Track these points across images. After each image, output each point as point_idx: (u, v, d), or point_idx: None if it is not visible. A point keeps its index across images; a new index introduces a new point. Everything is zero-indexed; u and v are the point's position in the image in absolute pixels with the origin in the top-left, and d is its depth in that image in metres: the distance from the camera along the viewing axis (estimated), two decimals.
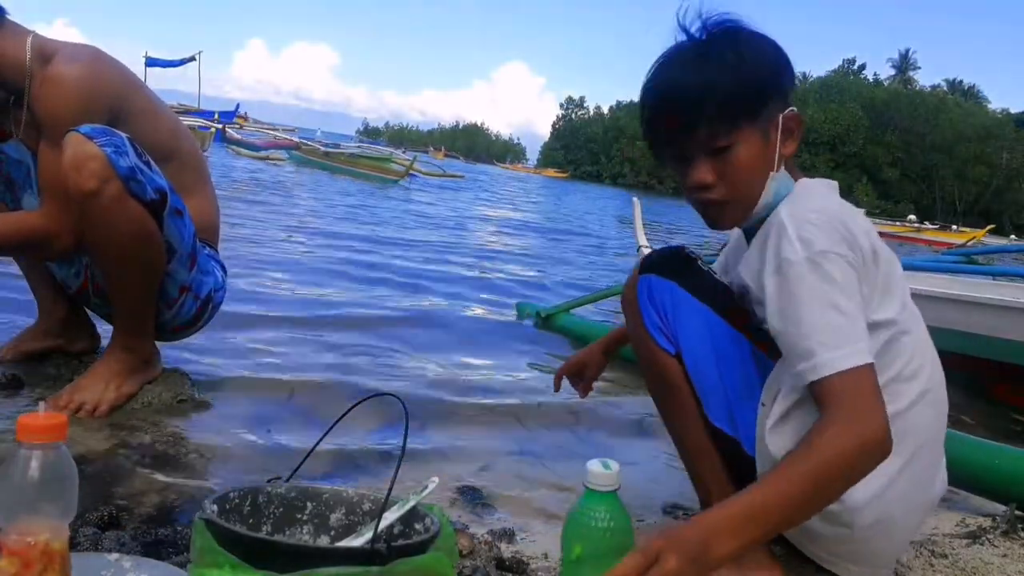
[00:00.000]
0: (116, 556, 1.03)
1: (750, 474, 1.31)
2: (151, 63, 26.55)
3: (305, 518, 1.11)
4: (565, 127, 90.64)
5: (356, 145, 29.81)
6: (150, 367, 2.01)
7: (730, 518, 0.98)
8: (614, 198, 34.91)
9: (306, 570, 0.84)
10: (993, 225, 35.15)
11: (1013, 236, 37.39)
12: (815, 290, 1.13)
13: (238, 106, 29.63)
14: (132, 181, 1.72)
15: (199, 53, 26.72)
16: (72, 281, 2.11)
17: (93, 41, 1.96)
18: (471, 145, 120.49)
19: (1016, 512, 1.76)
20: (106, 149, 1.67)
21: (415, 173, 22.87)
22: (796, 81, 1.34)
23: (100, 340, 2.29)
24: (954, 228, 29.06)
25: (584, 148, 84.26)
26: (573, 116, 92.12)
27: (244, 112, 34.39)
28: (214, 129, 20.19)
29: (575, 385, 1.75)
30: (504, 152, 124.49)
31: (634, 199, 8.07)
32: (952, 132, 63.75)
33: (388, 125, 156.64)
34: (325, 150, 22.46)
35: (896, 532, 1.26)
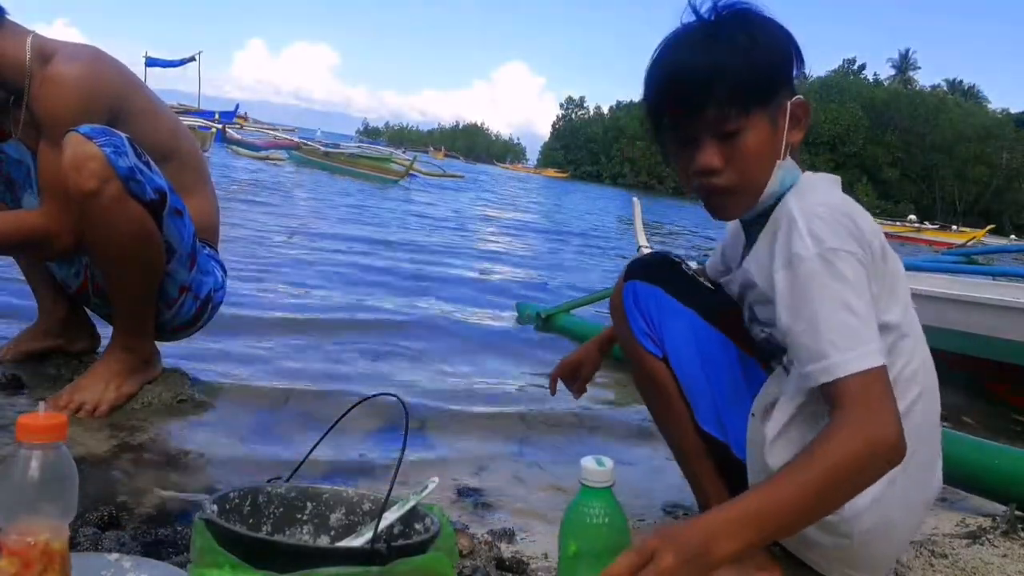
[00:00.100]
0: (116, 556, 1.03)
1: (740, 477, 1.30)
2: (151, 63, 26.52)
3: (305, 518, 1.11)
4: (565, 127, 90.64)
5: (356, 145, 29.83)
6: (150, 367, 2.01)
7: (733, 519, 0.95)
8: (614, 198, 34.91)
9: (306, 570, 0.84)
10: (993, 225, 35.18)
11: (1013, 236, 37.39)
12: (827, 288, 1.09)
13: (238, 106, 29.61)
14: (132, 181, 1.72)
15: (199, 53, 26.70)
16: (72, 281, 2.11)
17: (93, 41, 1.96)
18: (471, 145, 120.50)
19: (1016, 512, 1.76)
20: (106, 149, 1.67)
21: (415, 173, 22.88)
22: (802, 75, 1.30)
23: (100, 340, 2.29)
24: (954, 228, 29.09)
25: (584, 148, 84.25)
26: (573, 116, 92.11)
27: (244, 112, 34.39)
28: (214, 129, 20.18)
29: (570, 386, 1.70)
30: (504, 152, 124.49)
31: (634, 199, 8.07)
32: (952, 132, 63.76)
33: (388, 125, 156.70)
34: (325, 150, 22.47)
35: (896, 534, 1.25)
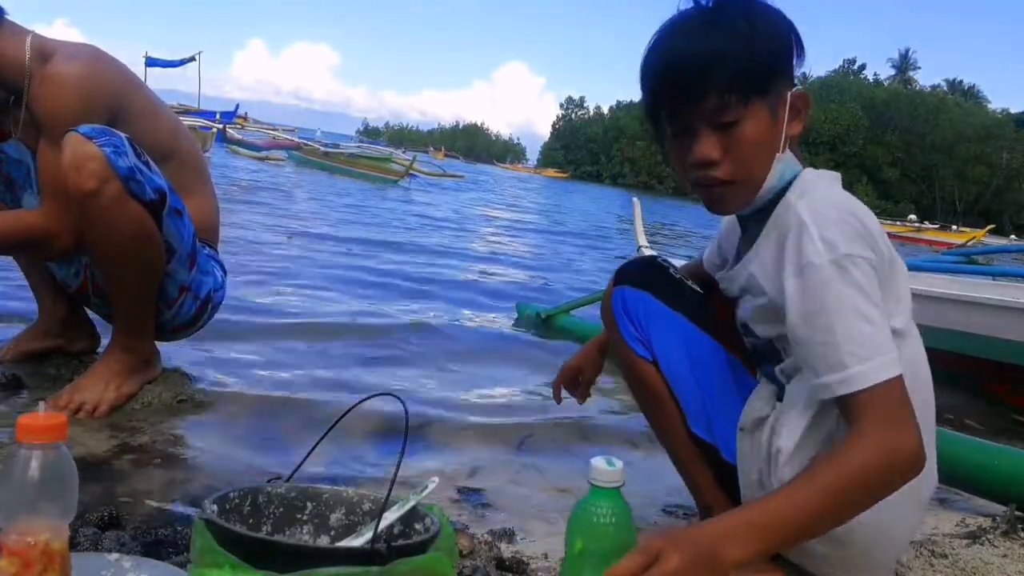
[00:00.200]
0: (116, 556, 1.03)
1: (732, 479, 1.30)
2: (151, 63, 26.51)
3: (305, 518, 1.11)
4: (565, 127, 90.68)
5: (356, 145, 29.83)
6: (150, 367, 2.01)
7: (745, 524, 0.95)
8: (614, 198, 34.91)
9: (306, 570, 0.84)
10: (993, 225, 35.20)
11: (1013, 236, 37.42)
12: (842, 296, 1.06)
13: (238, 106, 29.56)
14: (131, 181, 1.72)
15: (199, 53, 26.68)
16: (72, 281, 2.11)
17: (93, 41, 1.96)
18: (471, 145, 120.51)
19: (1016, 512, 1.76)
20: (105, 149, 1.67)
21: (415, 173, 22.88)
22: (802, 67, 1.24)
23: (100, 340, 2.29)
24: (954, 228, 29.11)
25: (584, 148, 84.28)
26: (573, 116, 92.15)
27: (244, 112, 34.34)
28: (215, 129, 20.18)
29: (573, 392, 1.68)
30: (504, 152, 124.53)
31: (634, 199, 8.06)
32: (952, 132, 63.79)
33: (388, 125, 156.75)
34: (325, 150, 22.46)
35: (895, 537, 1.24)
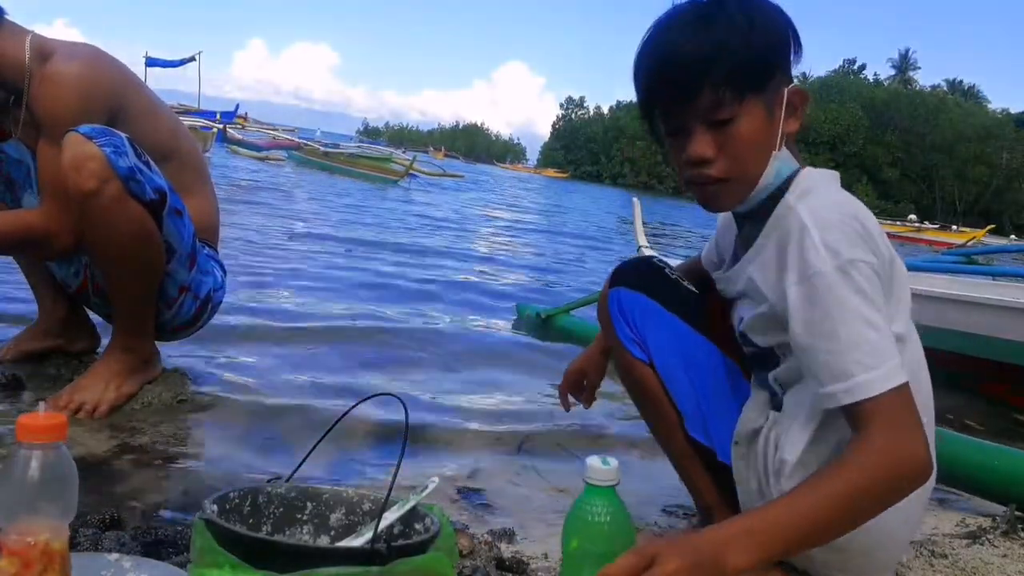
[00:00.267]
0: (116, 556, 1.03)
1: (729, 481, 1.30)
2: (151, 63, 26.51)
3: (305, 518, 1.11)
4: (565, 127, 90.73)
5: (356, 145, 29.83)
6: (150, 367, 2.01)
7: (749, 531, 0.94)
8: (615, 198, 34.92)
9: (306, 570, 0.84)
10: (993, 225, 35.22)
11: (1013, 236, 37.43)
12: (847, 303, 1.05)
13: (237, 106, 29.55)
14: (131, 181, 1.72)
15: (199, 53, 26.67)
16: (72, 281, 2.11)
17: (93, 41, 1.96)
18: (471, 145, 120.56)
19: (1016, 512, 1.76)
20: (105, 149, 1.67)
21: (415, 173, 22.89)
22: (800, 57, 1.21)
23: (100, 340, 2.29)
24: (954, 228, 29.12)
25: (584, 148, 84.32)
26: (573, 116, 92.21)
27: (244, 112, 34.33)
28: (216, 130, 20.18)
29: (578, 397, 1.67)
30: (504, 152, 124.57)
31: (634, 199, 8.05)
32: (952, 132, 63.84)
33: (388, 125, 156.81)
34: (325, 150, 22.46)
35: (895, 540, 1.23)
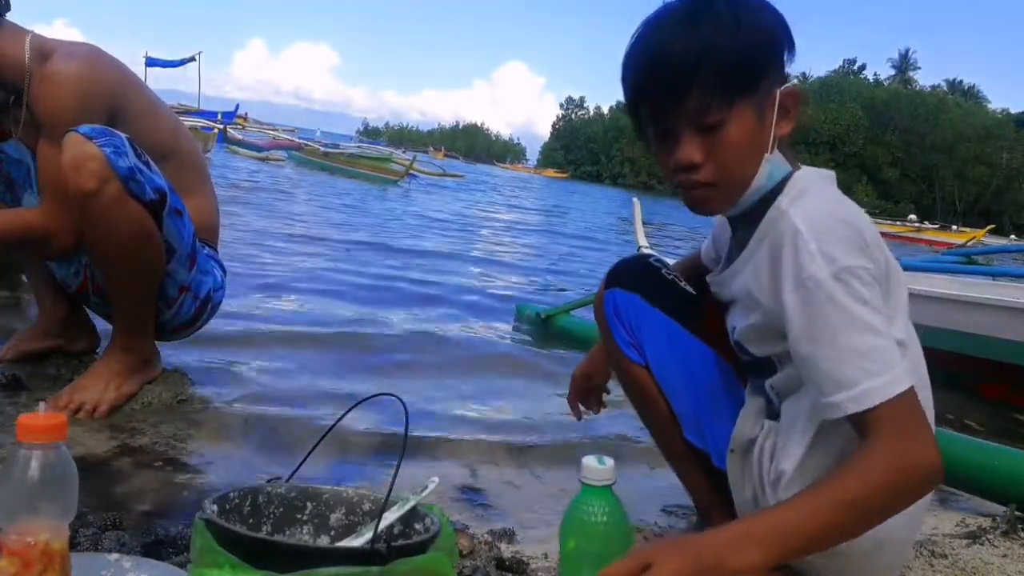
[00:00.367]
0: (116, 556, 1.03)
1: (723, 483, 1.30)
2: (151, 63, 26.54)
3: (305, 518, 1.11)
4: (565, 127, 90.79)
5: (356, 145, 29.85)
6: (150, 367, 2.01)
7: (752, 534, 0.93)
8: (615, 198, 34.93)
9: (306, 570, 0.84)
10: (993, 225, 35.20)
11: (1013, 236, 37.41)
12: (847, 311, 1.02)
13: (238, 106, 29.61)
14: (131, 181, 1.72)
15: (199, 53, 26.71)
16: (72, 281, 2.11)
17: (93, 41, 1.96)
18: (471, 145, 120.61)
19: (1016, 512, 1.76)
20: (105, 149, 1.67)
21: (415, 173, 22.90)
22: (795, 56, 1.18)
23: (100, 340, 2.29)
24: (954, 228, 29.14)
25: (584, 148, 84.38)
26: (573, 116, 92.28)
27: (244, 112, 34.36)
28: (216, 130, 20.19)
29: (588, 404, 1.63)
30: (504, 152, 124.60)
31: (634, 200, 8.04)
32: (952, 132, 63.87)
33: (388, 125, 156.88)
34: (325, 150, 22.47)
35: (897, 540, 1.22)
